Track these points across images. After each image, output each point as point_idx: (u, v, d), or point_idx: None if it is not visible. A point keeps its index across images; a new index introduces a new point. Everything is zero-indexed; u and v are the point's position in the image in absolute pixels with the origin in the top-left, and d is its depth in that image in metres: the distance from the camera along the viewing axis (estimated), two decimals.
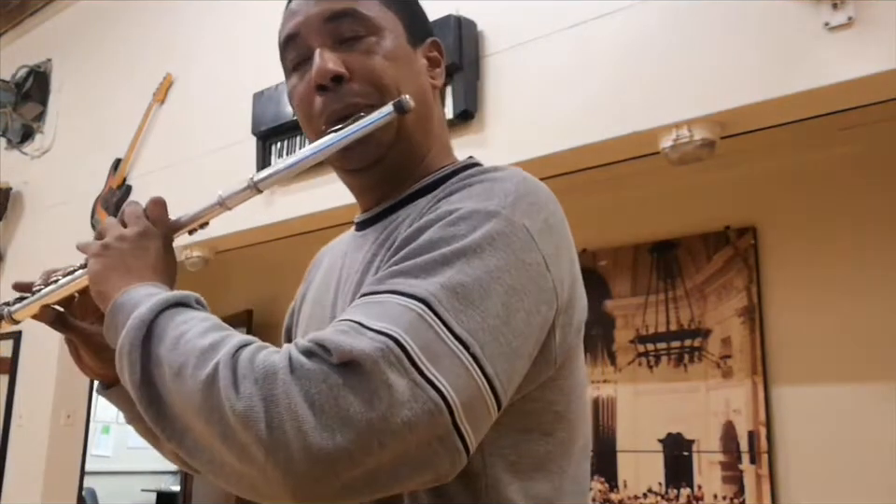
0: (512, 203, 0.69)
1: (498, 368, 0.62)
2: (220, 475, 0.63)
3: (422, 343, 0.59)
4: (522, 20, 2.27)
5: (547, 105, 2.17)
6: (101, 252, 0.79)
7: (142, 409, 0.66)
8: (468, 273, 0.63)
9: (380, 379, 0.57)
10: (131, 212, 0.83)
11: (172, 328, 0.66)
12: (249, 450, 0.57)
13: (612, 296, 3.19)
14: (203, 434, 0.62)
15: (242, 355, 0.60)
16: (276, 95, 2.79)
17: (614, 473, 3.08)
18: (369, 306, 0.63)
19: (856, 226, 2.71)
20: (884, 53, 1.64)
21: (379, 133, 0.79)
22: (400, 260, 0.66)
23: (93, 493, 6.22)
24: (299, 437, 0.55)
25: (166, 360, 0.64)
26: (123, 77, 3.74)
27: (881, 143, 2.65)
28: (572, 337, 0.74)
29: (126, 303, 0.71)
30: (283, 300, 3.74)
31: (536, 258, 0.68)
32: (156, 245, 0.81)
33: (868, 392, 2.60)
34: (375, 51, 0.81)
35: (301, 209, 2.74)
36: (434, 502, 0.69)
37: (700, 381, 2.94)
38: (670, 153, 1.95)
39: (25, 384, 3.83)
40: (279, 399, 0.56)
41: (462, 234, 0.66)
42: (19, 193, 4.23)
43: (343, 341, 0.58)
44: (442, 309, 0.61)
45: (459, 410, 0.59)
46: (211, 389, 0.59)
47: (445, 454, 0.59)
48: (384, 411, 0.56)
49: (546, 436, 0.73)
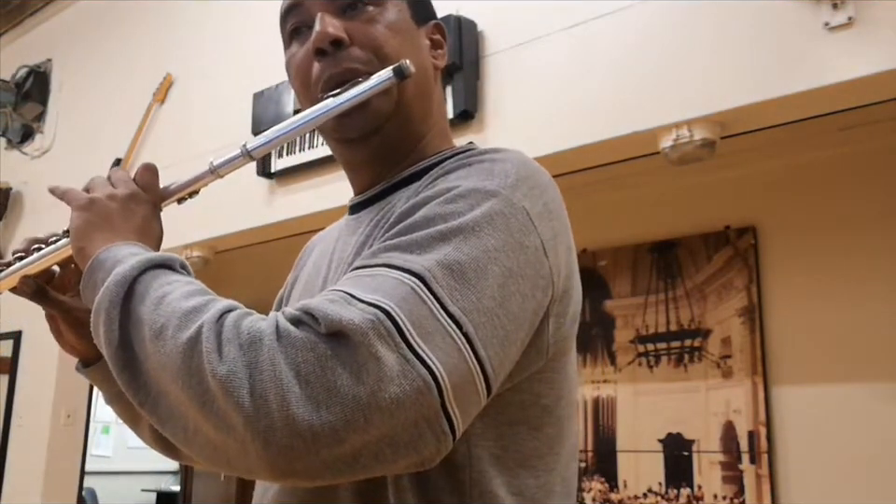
0: (513, 184, 0.67)
1: (491, 351, 0.60)
2: (193, 445, 0.59)
3: (414, 319, 0.57)
4: (522, 20, 2.27)
5: (547, 105, 2.17)
6: (87, 206, 0.76)
7: (115, 371, 0.63)
8: (464, 252, 0.61)
9: (369, 352, 0.54)
10: (120, 176, 0.80)
11: (155, 287, 0.63)
12: (228, 418, 0.54)
13: (612, 296, 3.19)
14: (179, 400, 0.58)
15: (227, 319, 0.58)
16: (276, 95, 2.79)
17: (614, 473, 3.08)
18: (361, 279, 0.60)
19: (856, 226, 2.71)
20: (884, 53, 1.64)
21: (377, 101, 0.76)
22: (395, 235, 0.64)
23: (93, 493, 6.22)
24: (282, 407, 0.53)
25: (147, 320, 0.61)
26: (123, 77, 3.74)
27: (881, 143, 2.65)
28: (566, 328, 0.72)
29: (107, 260, 0.68)
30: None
31: (534, 241, 0.66)
32: (144, 209, 0.78)
33: (868, 392, 2.60)
34: (378, 21, 0.79)
35: (301, 209, 2.74)
36: (417, 493, 0.66)
37: (700, 381, 2.94)
38: (670, 153, 1.95)
39: (25, 384, 3.83)
40: (263, 367, 0.54)
41: (460, 212, 0.64)
42: (19, 193, 4.22)
43: (333, 310, 0.56)
44: (437, 286, 0.59)
45: (449, 390, 0.56)
46: (192, 352, 0.56)
47: (431, 436, 0.56)
48: (372, 385, 0.53)
49: (533, 430, 0.70)
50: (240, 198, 2.93)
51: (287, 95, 2.73)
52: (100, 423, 6.53)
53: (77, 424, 3.70)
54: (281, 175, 2.81)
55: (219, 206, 2.94)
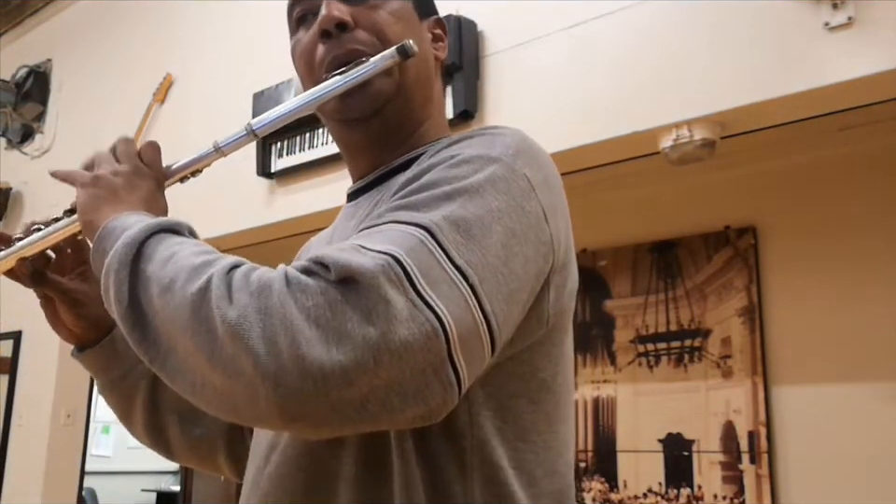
0: (514, 153, 0.69)
1: (496, 306, 0.60)
2: (202, 397, 0.60)
3: (422, 267, 0.57)
4: (522, 20, 2.27)
5: (547, 105, 2.17)
6: (92, 182, 0.77)
7: (126, 329, 0.64)
8: (469, 210, 0.62)
9: (379, 294, 0.55)
10: (124, 150, 0.81)
11: (163, 248, 0.64)
12: (238, 362, 0.55)
13: (612, 296, 3.19)
14: (188, 351, 0.59)
15: (237, 271, 0.59)
16: (276, 95, 2.79)
17: (614, 473, 3.08)
18: (370, 234, 0.62)
19: (856, 226, 2.71)
20: (884, 53, 1.64)
21: (379, 82, 0.78)
22: (402, 198, 0.65)
23: (93, 493, 6.22)
24: (293, 348, 0.53)
25: (155, 277, 0.62)
26: (123, 77, 3.74)
27: (881, 143, 2.65)
28: (565, 301, 0.73)
29: (116, 227, 0.69)
30: None
31: (535, 207, 0.67)
32: (148, 184, 0.79)
33: (868, 392, 2.60)
34: (382, 7, 0.82)
35: (301, 209, 2.74)
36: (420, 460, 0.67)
37: (700, 381, 2.94)
38: (670, 153, 1.95)
39: (25, 384, 3.83)
40: (274, 310, 0.54)
41: (464, 175, 0.65)
42: (19, 193, 4.22)
43: (343, 257, 0.56)
44: (444, 238, 0.60)
45: (455, 338, 0.57)
46: (202, 301, 0.57)
47: (438, 385, 0.57)
48: (381, 327, 0.54)
49: (532, 404, 0.71)
50: (240, 198, 2.93)
51: (287, 95, 2.73)
52: (100, 423, 6.53)
53: (77, 424, 3.70)
54: (281, 175, 2.81)
55: (219, 206, 2.94)
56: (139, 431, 0.94)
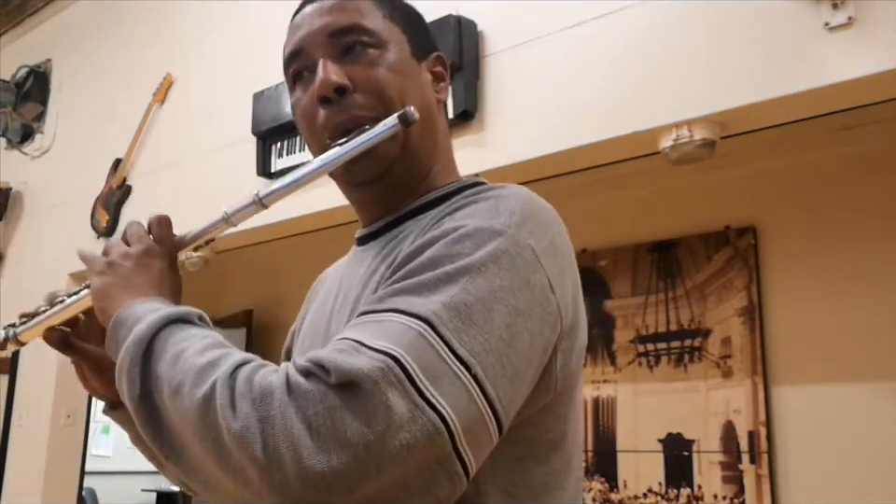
0: (518, 222, 0.68)
1: (500, 391, 0.61)
2: (216, 496, 0.62)
3: (423, 364, 0.58)
4: (522, 20, 2.27)
5: (547, 105, 2.17)
6: (104, 269, 0.79)
7: (140, 426, 0.66)
8: (471, 293, 0.62)
9: (379, 400, 0.55)
10: (133, 231, 0.82)
11: (171, 344, 0.66)
12: (244, 471, 0.56)
13: (612, 296, 3.19)
14: (199, 454, 0.61)
15: (240, 374, 0.60)
16: (276, 95, 2.79)
17: (614, 473, 3.08)
18: (368, 325, 0.61)
19: (856, 226, 2.71)
20: (884, 53, 1.64)
21: (384, 147, 0.78)
22: (402, 278, 0.65)
23: (93, 493, 6.22)
24: (294, 458, 0.54)
25: (165, 378, 0.63)
26: (123, 77, 3.74)
27: (881, 143, 2.65)
28: (574, 362, 0.73)
29: (127, 319, 0.71)
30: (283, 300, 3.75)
31: (541, 279, 0.67)
32: (160, 263, 0.80)
33: (868, 392, 2.60)
34: (379, 63, 0.81)
35: (301, 209, 2.73)
36: None
37: (700, 381, 2.94)
38: (670, 153, 1.95)
39: (25, 384, 3.83)
40: (275, 420, 0.55)
41: (466, 252, 0.65)
42: (19, 193, 4.22)
43: (342, 360, 0.57)
44: (444, 329, 0.60)
45: (460, 433, 0.57)
46: (207, 408, 0.59)
47: (445, 478, 0.57)
48: (381, 432, 0.55)
49: (541, 464, 0.71)
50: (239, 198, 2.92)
51: (287, 95, 2.73)
52: (100, 423, 6.52)
53: (77, 424, 3.70)
54: (281, 175, 2.81)
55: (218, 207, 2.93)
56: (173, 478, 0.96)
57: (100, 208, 3.56)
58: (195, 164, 3.19)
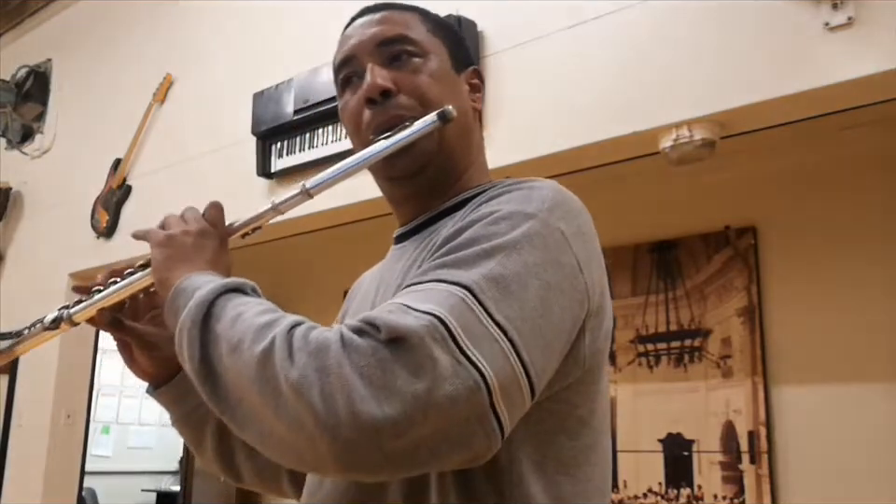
0: (549, 208, 0.74)
1: (534, 356, 0.66)
2: (268, 446, 0.66)
3: (464, 325, 0.63)
4: (522, 20, 2.27)
5: (547, 105, 2.17)
6: (166, 242, 0.84)
7: (198, 383, 0.70)
8: (507, 267, 0.68)
9: (425, 353, 0.60)
10: (191, 214, 0.89)
11: (230, 308, 0.71)
12: (300, 417, 0.61)
13: (612, 296, 3.17)
14: (255, 405, 0.65)
15: (297, 331, 0.64)
16: (276, 95, 2.79)
17: (614, 473, 3.08)
18: (414, 293, 0.67)
19: (856, 226, 2.71)
20: (884, 53, 1.64)
21: (422, 143, 0.85)
22: (443, 255, 0.71)
23: (93, 493, 6.22)
24: (348, 405, 0.59)
25: (224, 336, 0.68)
26: (123, 77, 3.74)
27: (881, 143, 2.65)
28: (600, 342, 0.77)
29: (188, 287, 0.76)
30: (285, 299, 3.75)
31: (570, 259, 0.72)
32: (213, 243, 0.86)
33: (868, 392, 2.60)
34: (422, 71, 0.88)
35: (301, 209, 2.72)
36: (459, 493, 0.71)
37: (700, 381, 2.94)
38: (670, 153, 1.95)
39: (25, 384, 3.82)
40: (331, 370, 0.60)
41: (502, 232, 0.71)
42: (19, 193, 4.22)
43: (392, 318, 0.62)
44: (484, 296, 0.65)
45: (497, 390, 0.62)
46: (267, 361, 0.63)
47: (482, 433, 0.62)
48: (428, 383, 0.59)
49: (571, 439, 0.76)
50: (240, 198, 2.93)
51: (288, 95, 2.73)
52: (100, 423, 6.53)
53: (77, 424, 3.70)
54: (281, 175, 2.81)
55: None
56: (209, 458, 1.01)
57: (100, 208, 3.56)
58: (195, 164, 3.19)
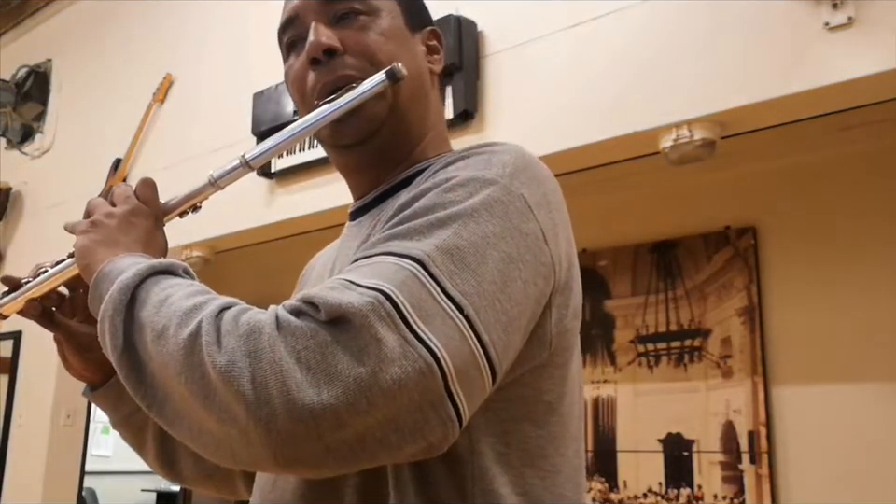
0: (510, 173, 0.68)
1: (494, 335, 0.59)
2: (200, 443, 0.60)
3: (414, 301, 0.56)
4: (522, 20, 2.27)
5: (547, 106, 2.17)
6: (88, 228, 0.78)
7: (122, 376, 0.64)
8: (463, 237, 0.61)
9: (369, 334, 0.54)
10: (120, 192, 0.82)
11: (155, 293, 0.64)
12: (230, 408, 0.55)
13: (612, 296, 3.19)
14: (183, 398, 0.59)
15: (226, 314, 0.58)
16: (276, 95, 2.79)
17: (614, 473, 3.08)
18: (361, 267, 0.61)
19: (856, 226, 2.71)
20: (884, 53, 1.64)
21: (371, 105, 0.77)
22: (394, 226, 0.64)
23: (93, 493, 6.22)
24: (283, 392, 0.53)
25: (148, 323, 0.62)
26: (123, 77, 3.74)
27: (881, 143, 2.65)
28: (568, 320, 0.71)
29: (111, 272, 0.69)
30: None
31: (533, 228, 0.66)
32: (145, 223, 0.79)
33: (868, 392, 2.60)
34: (371, 28, 0.81)
35: (302, 209, 2.74)
36: (418, 489, 0.65)
37: (700, 381, 2.94)
38: (670, 153, 1.95)
39: (25, 384, 3.83)
40: (263, 355, 0.54)
41: (458, 200, 0.64)
42: (19, 193, 4.23)
43: (333, 296, 0.56)
44: (436, 269, 0.59)
45: (452, 373, 0.56)
46: (193, 347, 0.57)
47: (437, 421, 0.56)
48: (373, 367, 0.53)
49: (538, 428, 0.69)
50: (240, 198, 2.93)
51: (287, 95, 2.73)
52: (100, 423, 6.51)
53: (77, 424, 3.70)
54: (281, 175, 2.81)
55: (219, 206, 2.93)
56: (152, 463, 0.95)
57: None
58: (195, 164, 3.19)
